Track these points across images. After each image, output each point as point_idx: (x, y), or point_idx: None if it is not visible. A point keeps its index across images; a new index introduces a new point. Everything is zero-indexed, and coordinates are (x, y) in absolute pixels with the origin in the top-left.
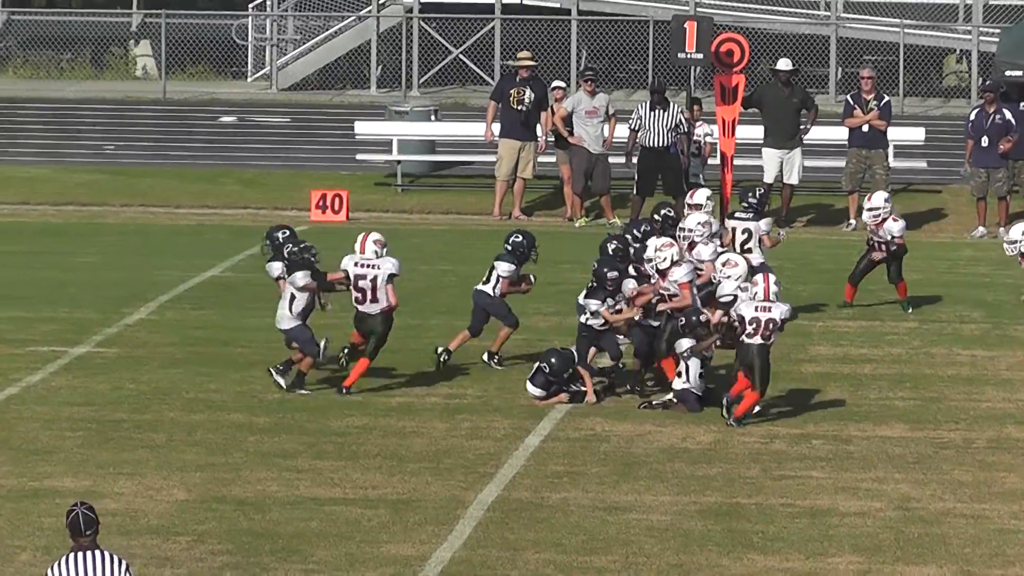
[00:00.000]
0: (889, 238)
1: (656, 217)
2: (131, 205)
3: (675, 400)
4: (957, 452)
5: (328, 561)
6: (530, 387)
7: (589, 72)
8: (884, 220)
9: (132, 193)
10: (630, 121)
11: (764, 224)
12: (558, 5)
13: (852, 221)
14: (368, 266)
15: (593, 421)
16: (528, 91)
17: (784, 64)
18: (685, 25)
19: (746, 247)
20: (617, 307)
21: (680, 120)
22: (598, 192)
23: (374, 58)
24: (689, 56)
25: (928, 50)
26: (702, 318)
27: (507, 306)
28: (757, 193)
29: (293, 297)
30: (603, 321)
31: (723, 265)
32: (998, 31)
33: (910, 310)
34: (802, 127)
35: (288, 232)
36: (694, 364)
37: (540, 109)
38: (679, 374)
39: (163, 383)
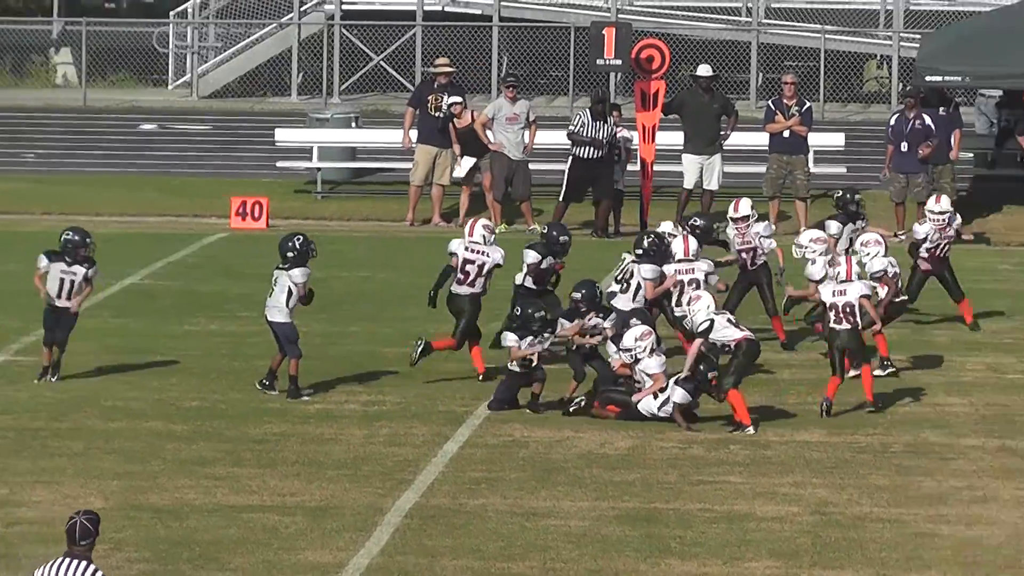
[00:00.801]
0: (956, 235)
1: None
2: (51, 213)
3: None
4: (875, 457)
5: (246, 568)
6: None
7: (510, 78)
8: (951, 221)
9: (52, 201)
10: (572, 126)
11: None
12: (480, 12)
13: (773, 226)
14: (478, 252)
15: (512, 427)
16: (446, 97)
17: (704, 70)
18: (604, 31)
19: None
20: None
21: (615, 132)
22: (518, 198)
23: (295, 65)
24: (608, 62)
25: (849, 56)
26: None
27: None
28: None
29: (290, 291)
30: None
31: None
32: (919, 37)
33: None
34: (722, 133)
35: (303, 237)
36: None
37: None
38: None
39: (82, 391)
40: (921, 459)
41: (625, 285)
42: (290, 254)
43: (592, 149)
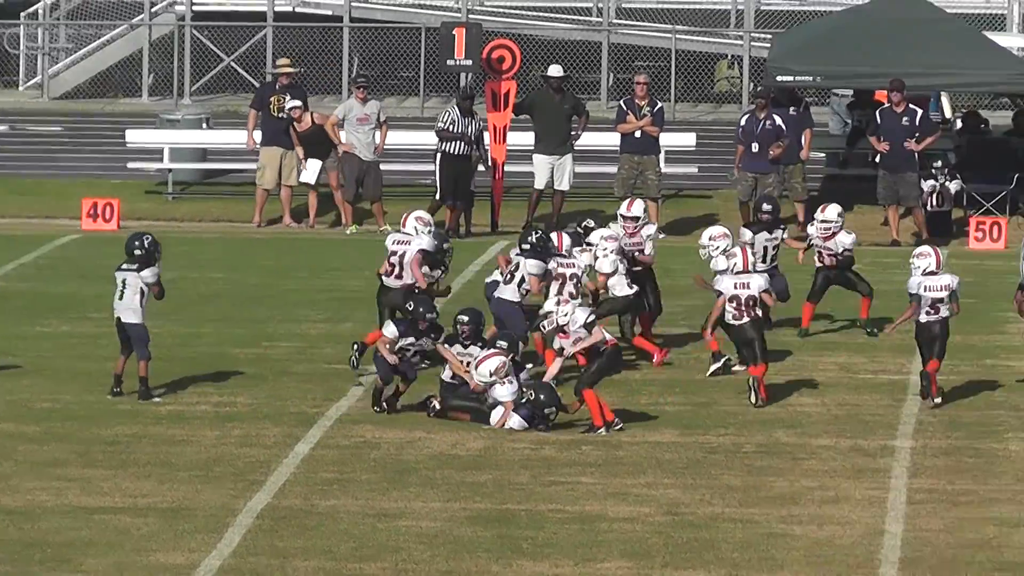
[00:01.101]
0: (840, 250)
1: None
2: None
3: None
4: (727, 457)
5: (98, 570)
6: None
7: (361, 79)
8: (835, 233)
9: None
10: (440, 122)
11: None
12: (330, 12)
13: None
14: (402, 242)
15: (363, 428)
16: (289, 99)
17: (555, 70)
18: (454, 32)
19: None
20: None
21: (482, 129)
22: (369, 199)
23: (146, 66)
24: (458, 63)
25: (700, 56)
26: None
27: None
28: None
29: (143, 292)
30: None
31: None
32: (770, 37)
33: (876, 331)
34: (573, 133)
35: (150, 237)
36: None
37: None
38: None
39: None
40: (773, 459)
41: (509, 277)
42: (137, 252)
43: (461, 144)
